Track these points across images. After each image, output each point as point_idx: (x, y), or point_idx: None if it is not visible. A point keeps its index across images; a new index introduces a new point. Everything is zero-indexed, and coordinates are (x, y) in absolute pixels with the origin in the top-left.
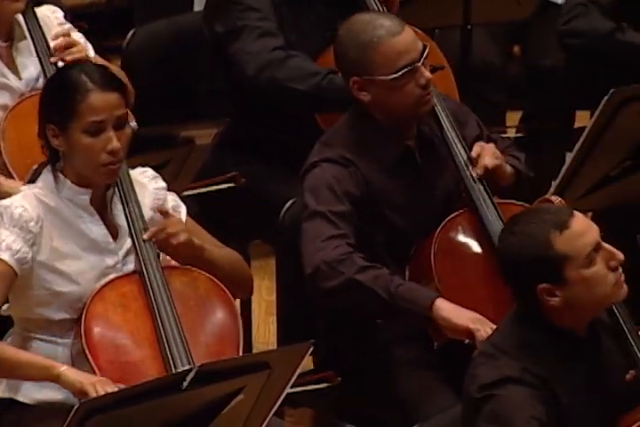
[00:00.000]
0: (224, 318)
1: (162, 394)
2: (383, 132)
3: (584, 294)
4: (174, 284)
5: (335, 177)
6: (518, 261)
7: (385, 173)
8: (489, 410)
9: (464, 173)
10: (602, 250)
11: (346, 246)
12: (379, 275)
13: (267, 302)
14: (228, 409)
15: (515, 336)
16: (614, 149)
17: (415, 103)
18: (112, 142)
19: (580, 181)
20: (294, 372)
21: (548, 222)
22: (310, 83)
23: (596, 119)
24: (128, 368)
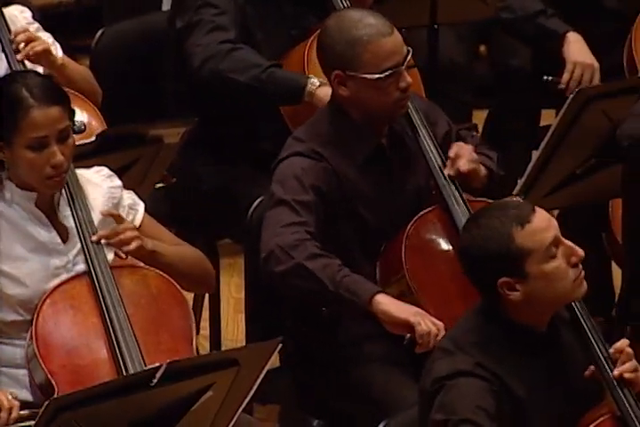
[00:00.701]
0: (176, 315)
1: (131, 391)
2: (356, 128)
3: (544, 289)
4: (124, 283)
5: (304, 168)
6: (480, 254)
7: (356, 168)
8: (439, 400)
9: (435, 172)
10: (562, 246)
11: (303, 233)
12: (328, 264)
13: (235, 300)
14: (197, 406)
15: (474, 332)
16: (579, 147)
17: (392, 105)
18: (55, 157)
19: (545, 179)
20: (263, 369)
21: (510, 217)
22: (250, 74)
23: (561, 118)
24: (81, 371)
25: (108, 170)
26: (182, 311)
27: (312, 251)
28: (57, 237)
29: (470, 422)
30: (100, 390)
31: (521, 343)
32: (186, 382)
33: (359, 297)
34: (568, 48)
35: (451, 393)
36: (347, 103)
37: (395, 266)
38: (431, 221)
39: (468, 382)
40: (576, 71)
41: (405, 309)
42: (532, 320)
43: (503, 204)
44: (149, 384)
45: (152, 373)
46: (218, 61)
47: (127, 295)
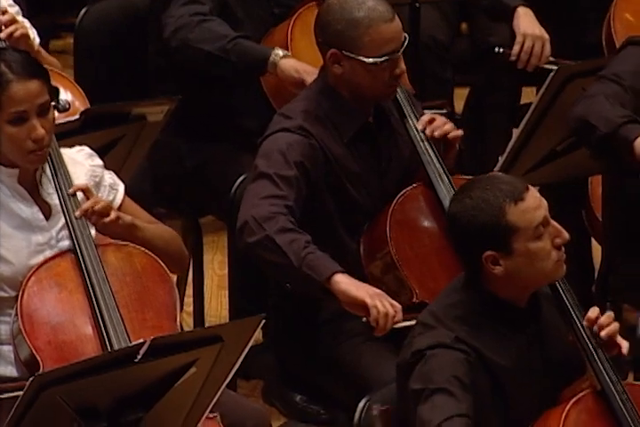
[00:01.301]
0: (161, 292)
1: (115, 367)
2: (344, 106)
3: (526, 266)
4: (109, 260)
5: (289, 144)
6: (470, 225)
7: (343, 146)
8: (417, 369)
9: (420, 149)
10: (550, 227)
11: (281, 207)
12: (295, 239)
13: (219, 277)
14: (181, 382)
15: (455, 306)
16: (560, 124)
17: (383, 89)
18: (36, 130)
19: (526, 156)
20: (246, 345)
21: (504, 192)
22: (216, 44)
23: (541, 95)
24: (66, 347)
25: (89, 149)
26: (166, 288)
27: (283, 225)
28: (40, 213)
29: (445, 390)
30: (85, 365)
31: (501, 318)
32: (170, 358)
33: (319, 275)
34: (518, 21)
35: (429, 363)
36: (338, 81)
37: (379, 242)
38: (415, 198)
39: (446, 354)
40: (526, 43)
41: (364, 289)
42: (512, 295)
43: (497, 177)
44: (133, 360)
45: (136, 349)
46: (187, 32)
47: (112, 273)
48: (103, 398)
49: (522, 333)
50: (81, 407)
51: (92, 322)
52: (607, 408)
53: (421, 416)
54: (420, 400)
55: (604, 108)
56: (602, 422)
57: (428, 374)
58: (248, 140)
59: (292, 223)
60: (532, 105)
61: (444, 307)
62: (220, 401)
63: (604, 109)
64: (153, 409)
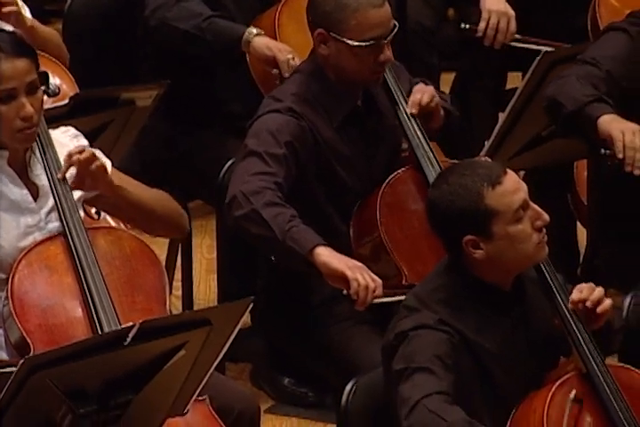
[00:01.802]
0: (150, 276)
1: (105, 350)
2: (333, 90)
3: (507, 249)
4: (99, 243)
5: (279, 124)
6: (449, 210)
7: (333, 129)
8: (400, 350)
9: (409, 133)
10: (529, 210)
11: (269, 183)
12: (280, 213)
13: (207, 261)
14: (169, 364)
15: (439, 289)
16: None
17: (368, 74)
18: (25, 108)
19: (512, 140)
20: (235, 328)
21: (482, 176)
22: (192, 23)
23: (527, 81)
24: (56, 330)
25: (75, 130)
26: (156, 272)
27: (270, 199)
28: (29, 195)
29: (426, 369)
30: (74, 348)
31: (486, 301)
32: (159, 341)
33: (302, 247)
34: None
35: (411, 344)
36: (324, 63)
37: (369, 224)
38: (405, 181)
39: (429, 334)
40: (492, 19)
41: (344, 262)
42: (495, 279)
43: (474, 163)
44: (123, 343)
45: (125, 332)
46: (165, 10)
47: (102, 256)
48: (93, 380)
49: (506, 316)
50: (70, 390)
51: (82, 305)
52: (592, 390)
53: (402, 394)
54: (401, 380)
55: (573, 88)
56: (587, 403)
57: (410, 354)
58: (234, 124)
59: (279, 198)
60: (517, 90)
61: (427, 290)
62: (209, 385)
63: (573, 89)
64: (142, 392)
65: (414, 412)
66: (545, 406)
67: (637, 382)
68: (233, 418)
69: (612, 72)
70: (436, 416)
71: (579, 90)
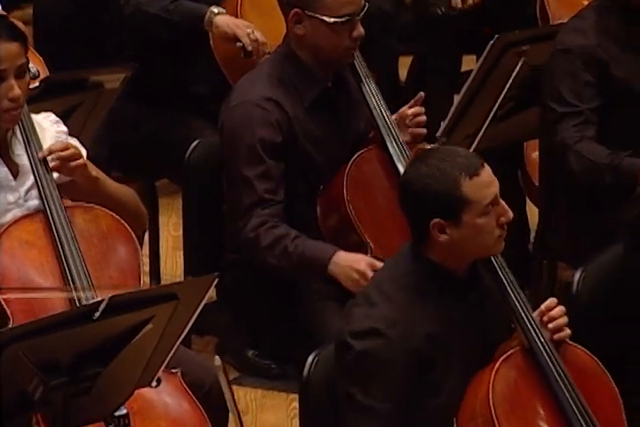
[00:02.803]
0: (125, 252)
1: (75, 324)
2: (305, 71)
3: (470, 238)
4: (77, 221)
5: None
6: (423, 192)
7: (305, 109)
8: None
9: (376, 113)
10: (498, 205)
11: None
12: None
13: (174, 238)
14: (138, 338)
15: (400, 276)
16: (499, 90)
17: (342, 51)
18: (13, 90)
19: (467, 121)
20: (201, 302)
21: (461, 165)
22: (160, 6)
23: (481, 63)
24: (35, 303)
25: (55, 116)
26: (131, 249)
27: (265, 242)
28: (9, 173)
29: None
30: (46, 322)
31: (443, 286)
32: (127, 315)
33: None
34: None
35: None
36: (299, 43)
37: (336, 200)
38: (370, 159)
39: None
40: None
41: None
42: (452, 264)
43: (455, 150)
44: (92, 317)
45: (95, 306)
46: None
47: (80, 233)
48: (63, 353)
49: (462, 301)
50: (42, 363)
51: (60, 279)
52: (535, 365)
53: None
54: (350, 406)
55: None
56: (530, 377)
57: (361, 380)
58: (200, 106)
59: (273, 229)
60: (472, 72)
61: (389, 277)
62: (182, 360)
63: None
64: (111, 364)
65: None
66: (490, 381)
67: (581, 358)
68: (204, 392)
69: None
70: None
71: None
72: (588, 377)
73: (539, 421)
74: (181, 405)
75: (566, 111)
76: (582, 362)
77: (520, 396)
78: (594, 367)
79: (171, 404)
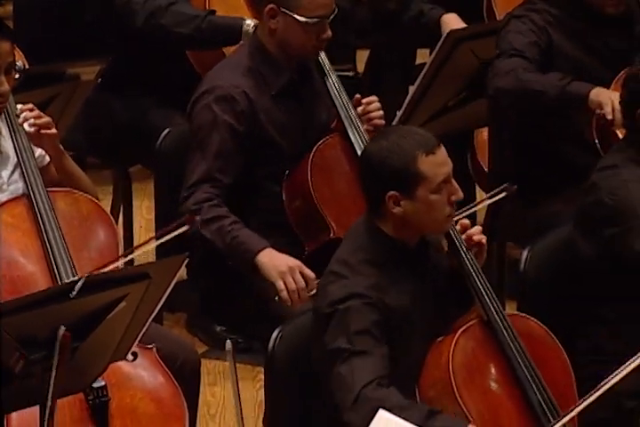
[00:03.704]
0: (104, 235)
1: (53, 302)
2: (272, 62)
3: (421, 213)
4: (59, 205)
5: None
6: (382, 164)
7: (271, 98)
8: (334, 324)
9: (338, 103)
10: (450, 184)
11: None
12: (219, 227)
13: (146, 220)
14: (112, 315)
15: (360, 250)
16: (451, 82)
17: (309, 49)
18: (2, 86)
19: (422, 110)
20: (171, 281)
21: (419, 143)
22: (192, 26)
23: (434, 56)
24: (19, 281)
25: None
26: (109, 232)
27: (206, 216)
28: None
29: (363, 353)
30: (26, 300)
31: (396, 257)
32: (102, 293)
33: (244, 259)
34: None
35: (346, 319)
36: (269, 36)
37: (301, 185)
38: (333, 146)
39: (361, 307)
40: None
41: (277, 268)
42: (403, 236)
43: (414, 129)
44: (69, 296)
45: (72, 285)
46: (159, 17)
47: (61, 216)
48: (43, 329)
49: (415, 271)
50: (22, 338)
51: (43, 259)
52: (492, 336)
53: (342, 377)
54: (338, 359)
55: (537, 77)
56: (487, 347)
57: (346, 332)
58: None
59: (215, 207)
60: (425, 65)
61: (350, 252)
62: (156, 336)
63: (539, 78)
64: (88, 339)
65: (358, 403)
66: (450, 351)
67: (533, 329)
68: (177, 366)
69: (536, 58)
70: (377, 404)
71: (545, 77)
72: (541, 347)
73: (495, 388)
74: (156, 378)
75: (512, 53)
76: (535, 332)
77: (478, 365)
78: (545, 337)
79: (146, 377)
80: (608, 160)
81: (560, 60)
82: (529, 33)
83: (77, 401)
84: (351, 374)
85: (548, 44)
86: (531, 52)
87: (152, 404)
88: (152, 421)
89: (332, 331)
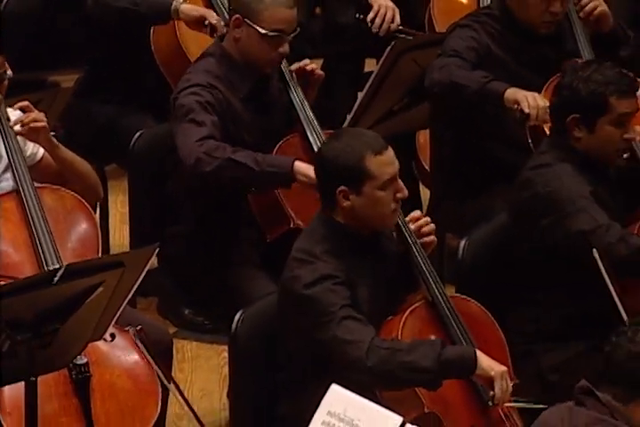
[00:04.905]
0: (86, 228)
1: (37, 288)
2: (238, 68)
3: (368, 207)
4: (45, 200)
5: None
6: (333, 162)
7: (240, 100)
8: (314, 303)
9: (298, 107)
10: (395, 183)
11: (218, 142)
12: (246, 153)
13: (121, 213)
14: (91, 299)
15: (320, 241)
16: (396, 88)
17: (267, 61)
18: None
19: (369, 114)
20: (144, 269)
21: (369, 144)
22: (128, 0)
23: (381, 65)
24: (9, 269)
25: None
26: (91, 225)
27: (231, 148)
28: None
29: (350, 317)
30: (12, 286)
31: (353, 244)
32: (81, 280)
33: (281, 167)
34: None
35: (324, 297)
36: (234, 44)
37: None
38: (293, 145)
39: (334, 286)
40: (380, 11)
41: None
42: (355, 226)
43: (365, 132)
44: (52, 282)
45: (54, 273)
46: None
47: (48, 210)
48: (27, 312)
49: (368, 257)
50: (9, 320)
51: (31, 249)
52: (436, 316)
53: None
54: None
55: (464, 73)
56: (432, 326)
57: (329, 306)
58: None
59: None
60: (373, 73)
61: (312, 244)
62: (129, 320)
63: (466, 73)
64: (68, 321)
65: (372, 350)
66: (399, 329)
67: (473, 309)
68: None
69: (472, 60)
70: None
71: (471, 74)
72: (480, 325)
73: None
74: (132, 356)
75: (450, 54)
76: (475, 313)
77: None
78: (484, 317)
79: (123, 356)
80: (539, 160)
81: (496, 69)
82: (469, 39)
83: (62, 377)
84: (351, 333)
85: (486, 52)
86: (468, 55)
87: (129, 380)
88: (128, 395)
89: (315, 309)
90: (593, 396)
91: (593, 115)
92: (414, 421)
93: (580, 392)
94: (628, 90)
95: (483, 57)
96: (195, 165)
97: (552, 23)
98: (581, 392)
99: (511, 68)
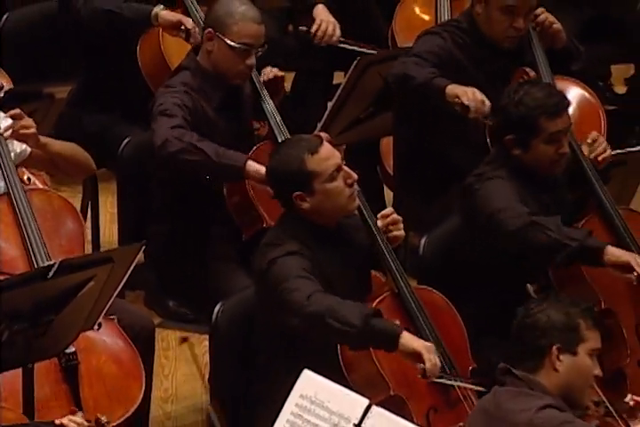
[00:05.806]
0: (72, 226)
1: (33, 282)
2: (211, 79)
3: (326, 201)
4: (34, 201)
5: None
6: (281, 174)
7: (213, 109)
8: (275, 270)
9: (269, 114)
10: (342, 171)
11: (188, 130)
12: (211, 144)
13: (110, 214)
14: (83, 292)
15: (288, 230)
16: (362, 98)
17: (236, 72)
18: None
19: (338, 122)
20: (131, 264)
21: (303, 147)
22: (113, 3)
23: (348, 77)
24: (2, 265)
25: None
26: (77, 224)
27: (197, 137)
28: None
29: (304, 277)
30: (10, 281)
31: (320, 236)
32: (74, 275)
33: (236, 161)
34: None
35: (285, 265)
36: (207, 57)
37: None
38: (265, 151)
39: (292, 257)
40: (322, 25)
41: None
42: (319, 221)
43: (298, 138)
44: (46, 277)
45: (49, 268)
46: (93, 1)
47: (37, 211)
48: (25, 304)
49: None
50: (7, 312)
51: (22, 247)
52: (402, 305)
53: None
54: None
55: (417, 67)
56: (398, 315)
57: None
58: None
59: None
60: (341, 85)
61: (280, 231)
62: (116, 308)
63: (418, 68)
64: (62, 312)
65: (313, 298)
66: None
67: (435, 299)
68: (135, 334)
69: (432, 61)
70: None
71: (423, 69)
72: (442, 314)
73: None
74: (117, 343)
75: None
76: (437, 302)
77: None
78: (445, 306)
79: (109, 342)
80: (482, 168)
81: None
82: (434, 46)
83: (53, 365)
84: (298, 288)
85: (449, 57)
86: (429, 57)
87: (114, 365)
88: (114, 379)
89: (275, 275)
90: (511, 374)
91: (526, 136)
92: (380, 403)
93: (501, 373)
94: (557, 110)
95: (445, 62)
96: (161, 146)
97: (515, 38)
98: (501, 373)
99: (471, 74)
